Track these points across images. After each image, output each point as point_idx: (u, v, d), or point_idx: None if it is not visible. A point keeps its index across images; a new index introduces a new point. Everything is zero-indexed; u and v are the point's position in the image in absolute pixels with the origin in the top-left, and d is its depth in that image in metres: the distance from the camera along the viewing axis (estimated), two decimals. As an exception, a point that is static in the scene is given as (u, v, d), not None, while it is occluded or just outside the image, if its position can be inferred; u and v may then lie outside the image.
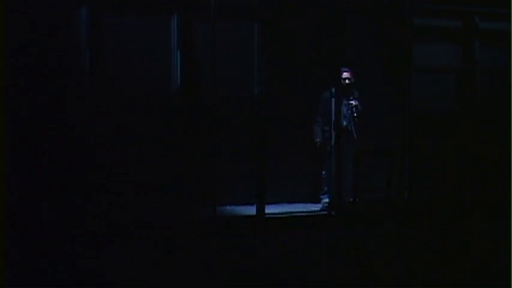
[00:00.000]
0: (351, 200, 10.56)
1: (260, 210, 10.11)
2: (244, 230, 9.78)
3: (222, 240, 9.29)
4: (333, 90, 10.59)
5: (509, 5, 11.22)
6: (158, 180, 9.92)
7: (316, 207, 10.71)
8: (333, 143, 10.43)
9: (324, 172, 10.70)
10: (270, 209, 10.19)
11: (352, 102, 10.55)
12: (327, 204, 10.60)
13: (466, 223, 10.25)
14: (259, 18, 10.36)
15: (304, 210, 10.53)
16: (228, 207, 10.24)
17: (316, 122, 10.72)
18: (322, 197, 10.77)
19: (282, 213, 10.25)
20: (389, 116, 11.09)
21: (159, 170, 9.95)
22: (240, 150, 10.41)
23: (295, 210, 10.44)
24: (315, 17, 10.82)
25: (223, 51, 10.18)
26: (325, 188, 10.67)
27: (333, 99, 10.53)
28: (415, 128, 11.09)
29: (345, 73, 10.72)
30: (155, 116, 10.00)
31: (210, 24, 10.05)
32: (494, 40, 11.75)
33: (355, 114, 10.49)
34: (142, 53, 9.97)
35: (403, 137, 11.04)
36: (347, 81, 10.72)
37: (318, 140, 10.59)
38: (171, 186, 9.95)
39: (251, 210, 10.13)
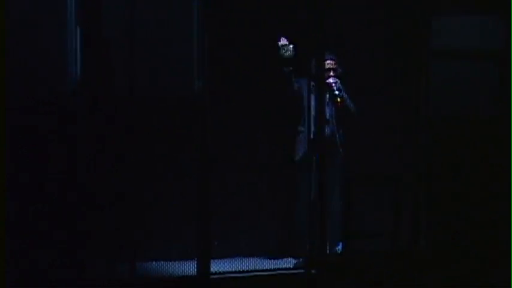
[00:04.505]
0: (339, 249, 7.98)
1: (203, 267, 7.58)
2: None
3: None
4: (312, 84, 7.93)
5: None
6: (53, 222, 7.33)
7: (288, 262, 8.06)
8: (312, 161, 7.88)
9: (298, 208, 8.10)
10: (217, 266, 7.69)
11: (332, 82, 7.96)
12: (304, 258, 7.83)
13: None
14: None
15: (270, 267, 7.97)
16: (155, 263, 7.79)
17: (300, 132, 8.04)
18: (298, 248, 8.11)
19: (235, 272, 7.75)
20: (395, 124, 8.54)
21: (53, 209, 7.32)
22: (171, 177, 7.93)
23: (256, 267, 7.88)
24: None
25: (146, 30, 7.65)
26: (300, 233, 7.99)
27: (312, 96, 7.91)
28: (433, 141, 8.47)
29: (328, 62, 7.99)
30: (43, 123, 7.32)
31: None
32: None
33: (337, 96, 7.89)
34: (25, 32, 7.35)
35: (416, 156, 8.34)
36: (331, 73, 8.01)
37: (299, 155, 8.00)
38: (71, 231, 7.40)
39: (190, 267, 7.62)
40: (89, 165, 7.47)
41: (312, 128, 7.78)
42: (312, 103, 7.83)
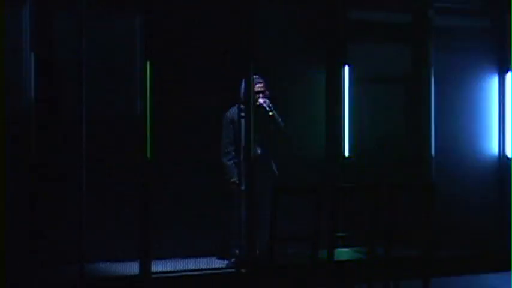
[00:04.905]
0: (267, 253, 8.05)
1: (145, 267, 8.03)
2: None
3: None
4: (241, 106, 8.42)
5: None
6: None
7: (222, 263, 8.58)
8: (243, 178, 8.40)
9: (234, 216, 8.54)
10: (158, 266, 8.17)
11: (262, 102, 8.41)
12: (236, 259, 8.36)
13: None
14: (143, 9, 8.16)
15: (206, 267, 8.42)
16: (101, 265, 8.27)
17: (227, 153, 8.50)
18: (232, 249, 8.57)
19: (174, 272, 8.22)
20: (316, 141, 9.20)
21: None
22: (116, 189, 8.35)
23: (193, 267, 8.36)
24: (216, 9, 8.76)
25: (94, 52, 8.10)
26: (235, 239, 8.46)
27: (242, 120, 8.38)
28: (350, 155, 9.17)
29: (257, 84, 8.45)
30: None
31: (76, 17, 7.95)
32: (453, 40, 9.85)
33: (269, 113, 8.32)
34: None
35: (334, 169, 9.10)
36: (261, 95, 8.48)
37: (235, 178, 8.43)
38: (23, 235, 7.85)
39: (133, 267, 8.07)
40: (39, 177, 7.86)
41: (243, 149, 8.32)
42: (243, 125, 8.31)
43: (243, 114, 8.36)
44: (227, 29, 8.69)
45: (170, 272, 8.18)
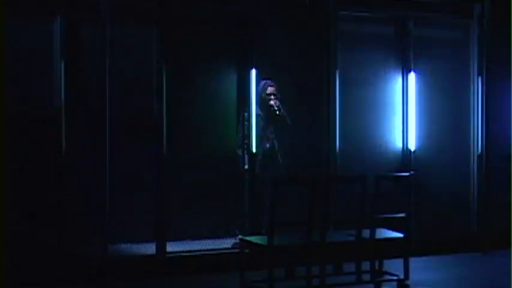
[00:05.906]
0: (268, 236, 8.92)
1: (160, 248, 8.84)
2: (142, 272, 8.67)
3: (115, 284, 8.27)
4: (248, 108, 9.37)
5: (445, 10, 10.50)
6: (37, 212, 8.52)
7: (227, 243, 9.36)
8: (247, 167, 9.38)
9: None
10: (172, 247, 8.94)
11: (273, 103, 9.31)
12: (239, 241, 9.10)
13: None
14: (159, 22, 9.05)
15: (214, 247, 9.21)
16: (122, 245, 8.91)
17: (241, 146, 9.41)
18: (238, 232, 9.45)
19: (186, 252, 9.01)
20: (310, 137, 9.88)
21: (38, 201, 8.54)
22: (135, 177, 9.05)
23: (202, 248, 9.16)
24: (222, 22, 9.56)
25: (116, 60, 8.81)
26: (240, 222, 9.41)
27: (247, 115, 9.31)
28: (342, 151, 9.90)
29: (270, 88, 9.40)
30: (32, 140, 8.56)
31: (100, 29, 8.68)
32: (431, 48, 10.63)
33: (277, 112, 9.25)
34: (17, 63, 8.47)
35: (327, 162, 9.80)
36: (272, 97, 9.41)
37: (246, 166, 9.37)
38: (53, 220, 8.55)
39: (150, 248, 8.84)
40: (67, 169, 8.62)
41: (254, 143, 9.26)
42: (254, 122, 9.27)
43: (260, 113, 9.31)
44: (232, 38, 9.55)
45: (182, 252, 8.90)
